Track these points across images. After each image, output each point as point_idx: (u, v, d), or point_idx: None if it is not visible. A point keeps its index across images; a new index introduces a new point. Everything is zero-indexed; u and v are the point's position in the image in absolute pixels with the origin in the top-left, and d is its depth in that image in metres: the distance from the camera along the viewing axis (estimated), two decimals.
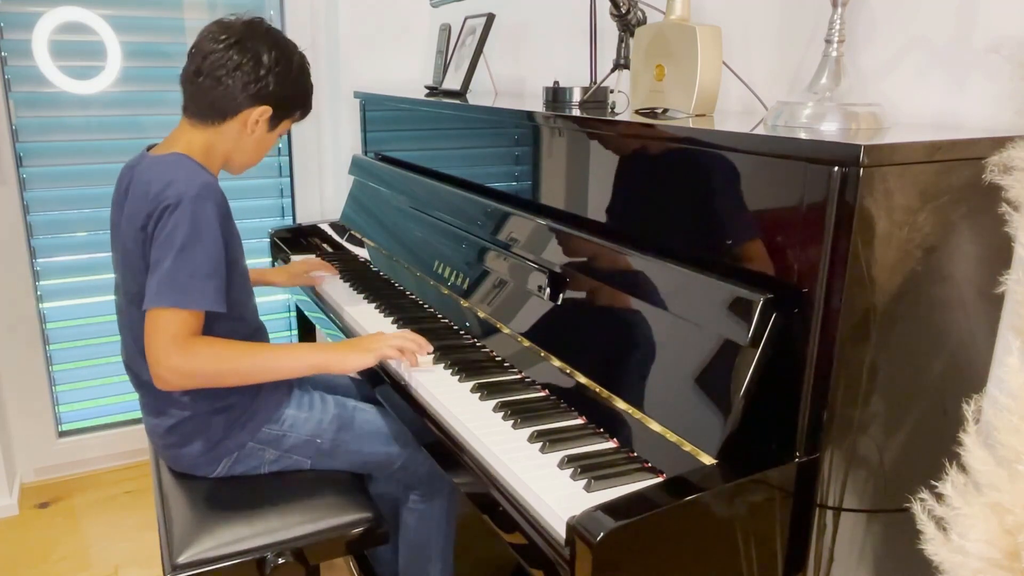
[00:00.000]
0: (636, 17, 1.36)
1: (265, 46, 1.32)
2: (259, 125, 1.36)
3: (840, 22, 1.03)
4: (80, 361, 2.45)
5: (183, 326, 1.20)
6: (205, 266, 1.21)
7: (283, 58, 1.34)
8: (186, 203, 1.20)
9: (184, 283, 1.19)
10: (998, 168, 0.79)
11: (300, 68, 1.39)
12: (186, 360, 1.20)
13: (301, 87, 1.41)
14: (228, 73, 1.30)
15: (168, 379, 1.21)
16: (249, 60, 1.31)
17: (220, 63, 1.30)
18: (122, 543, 2.16)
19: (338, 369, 1.31)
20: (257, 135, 1.37)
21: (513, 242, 1.41)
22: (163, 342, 1.19)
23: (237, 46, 1.30)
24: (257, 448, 1.39)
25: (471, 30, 1.96)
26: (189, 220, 1.20)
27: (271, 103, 1.34)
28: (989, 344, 1.03)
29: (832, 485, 0.93)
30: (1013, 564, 0.70)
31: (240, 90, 1.31)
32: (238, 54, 1.30)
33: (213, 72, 1.30)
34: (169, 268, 1.19)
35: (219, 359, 1.24)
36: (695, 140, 1.05)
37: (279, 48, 1.34)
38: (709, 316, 0.98)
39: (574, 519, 0.81)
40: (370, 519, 1.35)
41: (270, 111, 1.35)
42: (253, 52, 1.31)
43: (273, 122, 1.38)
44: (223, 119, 1.33)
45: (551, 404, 1.17)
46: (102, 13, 2.23)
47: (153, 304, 1.19)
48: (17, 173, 2.22)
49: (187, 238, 1.20)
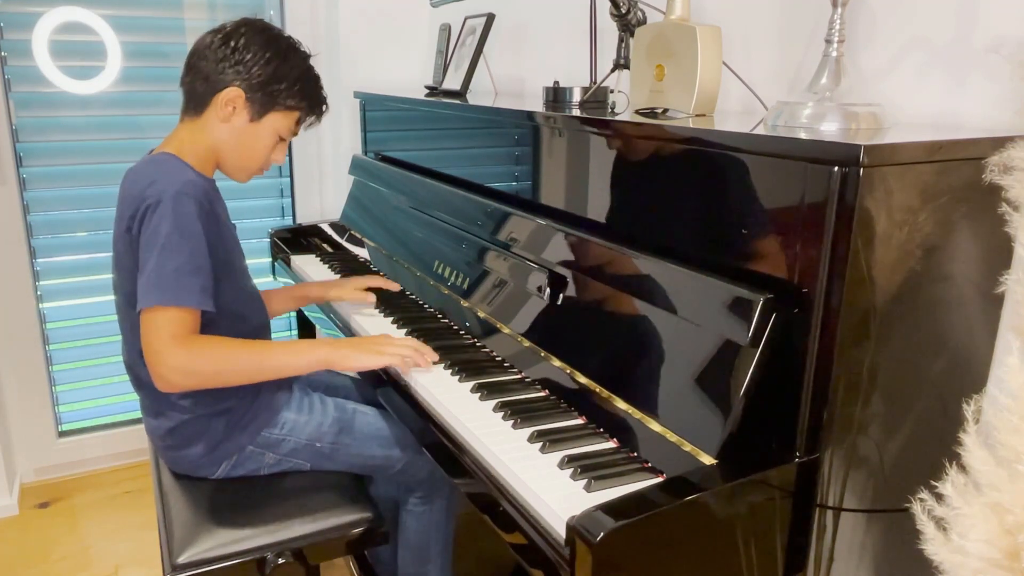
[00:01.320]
0: (636, 17, 1.36)
1: (247, 31, 1.31)
2: (235, 113, 1.32)
3: (840, 22, 1.03)
4: (80, 361, 2.45)
5: (180, 324, 1.19)
6: (189, 263, 1.19)
7: (260, 40, 1.31)
8: (167, 201, 1.19)
9: (170, 281, 1.18)
10: (998, 168, 0.79)
11: (284, 53, 1.33)
12: (187, 359, 1.18)
13: (287, 74, 1.33)
14: (202, 56, 1.30)
15: (169, 379, 1.19)
16: (221, 39, 1.30)
17: (198, 49, 1.31)
18: (122, 543, 2.16)
19: (342, 367, 1.29)
20: (236, 124, 1.32)
21: (513, 242, 1.41)
22: (162, 342, 1.18)
23: (221, 35, 1.31)
24: (257, 451, 1.38)
25: (471, 30, 1.96)
26: (170, 218, 1.19)
27: (242, 86, 1.30)
28: (989, 344, 1.02)
29: (832, 485, 0.93)
30: (1013, 564, 0.70)
31: (213, 71, 1.30)
32: (213, 37, 1.31)
33: (191, 59, 1.32)
34: (154, 267, 1.18)
35: (220, 357, 1.22)
36: (695, 140, 1.05)
37: (261, 35, 1.32)
38: (709, 316, 0.98)
39: (574, 519, 0.81)
40: (370, 519, 1.35)
41: (241, 94, 1.30)
42: (225, 35, 1.31)
43: (254, 109, 1.33)
44: (202, 108, 1.32)
45: (551, 404, 1.17)
46: (102, 13, 2.23)
47: (145, 304, 1.18)
48: (17, 173, 2.22)
49: (169, 236, 1.19)
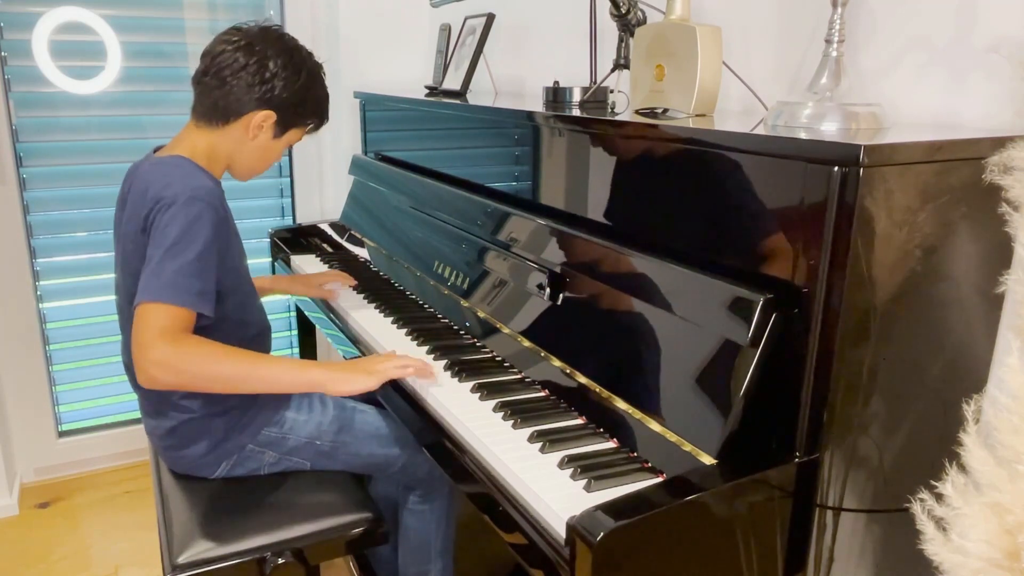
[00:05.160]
0: (636, 17, 1.36)
1: (274, 51, 1.31)
2: (263, 131, 1.35)
3: (840, 22, 1.03)
4: (80, 361, 2.45)
5: (171, 321, 1.17)
6: (193, 266, 1.19)
7: (291, 64, 1.33)
8: (181, 204, 1.20)
9: (170, 279, 1.17)
10: (998, 168, 0.79)
11: (311, 76, 1.37)
12: (171, 355, 1.15)
13: (310, 96, 1.38)
14: (233, 74, 1.30)
15: (151, 373, 1.15)
16: (255, 63, 1.30)
17: (226, 63, 1.30)
18: (122, 543, 2.16)
19: (334, 392, 1.27)
20: (260, 141, 1.36)
21: (513, 242, 1.41)
22: (149, 335, 1.15)
23: (246, 48, 1.30)
24: (257, 450, 1.38)
25: (471, 30, 1.96)
26: (182, 220, 1.19)
27: (275, 108, 1.33)
28: (989, 344, 1.03)
29: (832, 485, 0.93)
30: (1013, 564, 0.70)
31: (244, 92, 1.30)
32: (245, 56, 1.30)
33: (219, 72, 1.30)
34: (157, 264, 1.18)
35: (207, 360, 1.19)
36: (695, 140, 1.05)
37: (288, 54, 1.33)
38: (709, 316, 0.98)
39: (574, 519, 0.81)
40: (370, 519, 1.35)
41: (273, 116, 1.34)
42: (260, 55, 1.30)
43: (279, 129, 1.37)
44: (227, 121, 1.33)
45: (551, 404, 1.17)
46: (102, 13, 2.23)
47: (140, 299, 1.17)
48: (17, 173, 2.22)
49: (178, 237, 1.19)
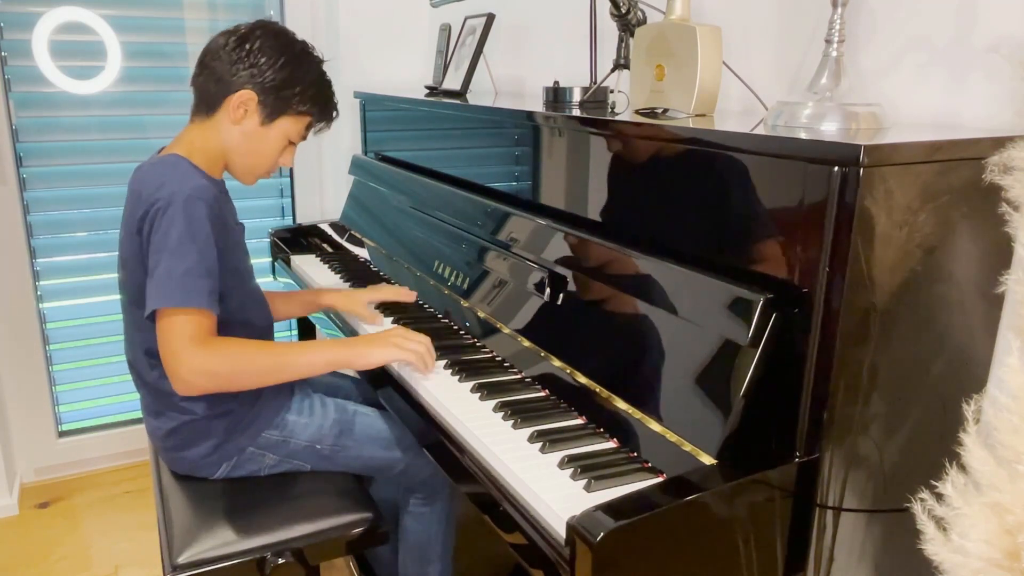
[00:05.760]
0: (636, 17, 1.36)
1: (259, 34, 1.31)
2: (247, 116, 1.31)
3: (840, 22, 1.03)
4: (80, 361, 2.45)
5: (197, 326, 1.18)
6: (199, 266, 1.19)
7: (276, 45, 1.31)
8: (177, 204, 1.19)
9: (181, 282, 1.17)
10: (998, 168, 0.79)
11: (298, 59, 1.33)
12: (206, 360, 1.17)
13: (297, 79, 1.33)
14: (214, 57, 1.30)
15: (190, 380, 1.18)
16: (235, 41, 1.30)
17: (210, 49, 1.31)
18: (122, 543, 2.16)
19: (360, 365, 1.29)
20: (247, 128, 1.32)
21: (513, 242, 1.41)
22: (181, 344, 1.17)
23: (232, 33, 1.31)
24: (257, 453, 1.38)
25: (471, 30, 1.96)
26: (181, 222, 1.19)
27: (256, 89, 1.30)
28: (989, 344, 1.02)
29: (832, 485, 0.93)
30: (1013, 564, 0.70)
31: (225, 72, 1.30)
32: (226, 37, 1.31)
33: (203, 59, 1.32)
34: (165, 269, 1.18)
35: (239, 358, 1.21)
36: (695, 140, 1.05)
37: (274, 36, 1.32)
38: (709, 316, 0.98)
39: (574, 519, 0.81)
40: (370, 519, 1.35)
41: (255, 97, 1.30)
42: (242, 37, 1.30)
43: (264, 114, 1.32)
44: (213, 109, 1.32)
45: (551, 404, 1.17)
46: (102, 13, 2.23)
47: (158, 306, 1.17)
48: (17, 173, 2.22)
49: (179, 239, 1.19)
